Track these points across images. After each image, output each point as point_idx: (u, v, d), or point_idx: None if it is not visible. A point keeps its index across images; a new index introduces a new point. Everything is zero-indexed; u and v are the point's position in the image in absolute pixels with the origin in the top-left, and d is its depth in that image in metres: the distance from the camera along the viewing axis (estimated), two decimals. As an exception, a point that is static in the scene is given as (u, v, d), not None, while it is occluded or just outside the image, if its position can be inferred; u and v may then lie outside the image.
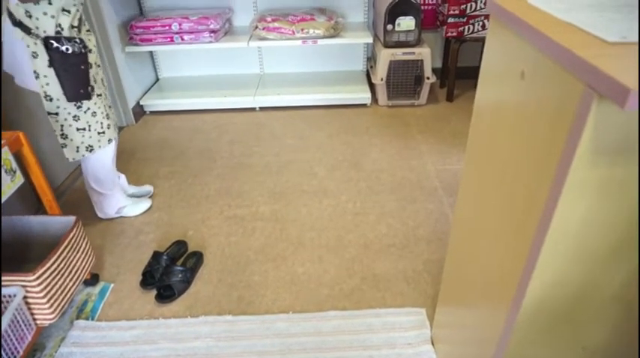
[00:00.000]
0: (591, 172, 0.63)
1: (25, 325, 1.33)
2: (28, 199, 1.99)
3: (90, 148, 1.75)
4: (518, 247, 0.81)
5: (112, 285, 1.74)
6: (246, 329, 1.54)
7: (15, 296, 1.28)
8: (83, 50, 1.58)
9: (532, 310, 0.81)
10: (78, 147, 1.73)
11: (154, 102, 3.06)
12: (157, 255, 1.78)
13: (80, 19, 1.61)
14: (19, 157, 1.43)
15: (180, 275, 1.69)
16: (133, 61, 2.98)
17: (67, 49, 1.52)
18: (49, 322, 1.39)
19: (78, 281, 1.51)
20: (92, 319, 1.60)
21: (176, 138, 2.78)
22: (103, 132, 1.75)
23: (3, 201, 1.30)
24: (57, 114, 1.64)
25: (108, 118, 1.78)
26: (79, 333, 1.54)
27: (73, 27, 1.56)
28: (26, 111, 2.08)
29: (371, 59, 3.31)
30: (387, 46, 2.86)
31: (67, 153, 1.73)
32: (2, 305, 1.28)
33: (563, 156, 0.65)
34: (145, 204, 2.13)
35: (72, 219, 1.52)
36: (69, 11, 1.53)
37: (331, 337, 1.49)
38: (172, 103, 3.06)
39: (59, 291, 1.40)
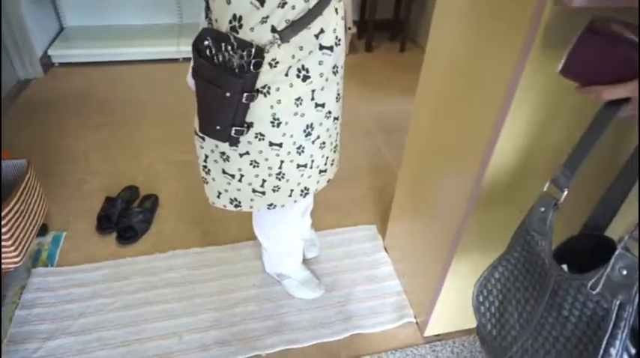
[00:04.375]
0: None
1: (-8, 269, 1.28)
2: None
3: (235, 202, 1.18)
4: (468, 166, 1.01)
5: (65, 233, 1.68)
6: (217, 257, 1.62)
7: (-22, 238, 1.22)
8: (241, 66, 0.91)
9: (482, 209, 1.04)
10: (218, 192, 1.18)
11: (64, 53, 2.82)
12: (110, 200, 1.75)
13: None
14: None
15: (140, 216, 1.70)
16: (34, 6, 2.69)
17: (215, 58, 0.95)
18: (14, 266, 1.35)
19: (37, 225, 1.46)
20: (51, 266, 1.55)
21: (97, 90, 2.62)
22: (262, 193, 1.14)
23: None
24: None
25: (280, 178, 1.11)
26: (40, 280, 1.50)
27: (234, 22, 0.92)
28: None
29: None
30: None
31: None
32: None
33: (521, 51, 0.84)
34: (313, 293, 1.51)
35: (23, 162, 1.44)
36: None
37: (298, 255, 1.65)
38: (86, 54, 2.84)
39: (22, 233, 1.35)
